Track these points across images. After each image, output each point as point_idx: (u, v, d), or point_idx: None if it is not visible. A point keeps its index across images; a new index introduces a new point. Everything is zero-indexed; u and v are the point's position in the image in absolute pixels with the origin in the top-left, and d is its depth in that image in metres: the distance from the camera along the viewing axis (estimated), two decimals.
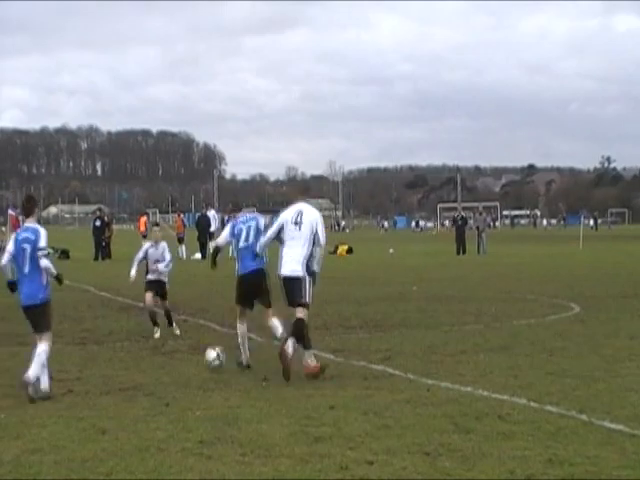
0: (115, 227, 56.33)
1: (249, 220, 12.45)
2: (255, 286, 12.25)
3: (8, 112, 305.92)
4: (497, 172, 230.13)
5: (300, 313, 11.56)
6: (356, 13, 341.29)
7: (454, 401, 9.89)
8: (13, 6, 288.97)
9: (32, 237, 10.58)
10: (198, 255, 43.24)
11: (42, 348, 10.49)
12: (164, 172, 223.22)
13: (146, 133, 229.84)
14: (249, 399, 10.20)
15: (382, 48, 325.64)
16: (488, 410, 9.40)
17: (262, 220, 12.55)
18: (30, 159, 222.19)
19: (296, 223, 11.76)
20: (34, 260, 10.53)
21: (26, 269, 10.52)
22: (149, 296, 15.79)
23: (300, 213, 11.81)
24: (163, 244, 16.07)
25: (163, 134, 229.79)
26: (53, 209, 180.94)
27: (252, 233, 12.24)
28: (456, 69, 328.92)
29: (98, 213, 49.21)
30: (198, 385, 11.11)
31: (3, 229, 43.67)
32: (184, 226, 47.13)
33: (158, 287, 15.90)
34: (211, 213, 46.00)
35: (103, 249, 43.58)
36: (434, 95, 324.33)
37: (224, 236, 12.81)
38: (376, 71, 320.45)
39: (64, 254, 43.63)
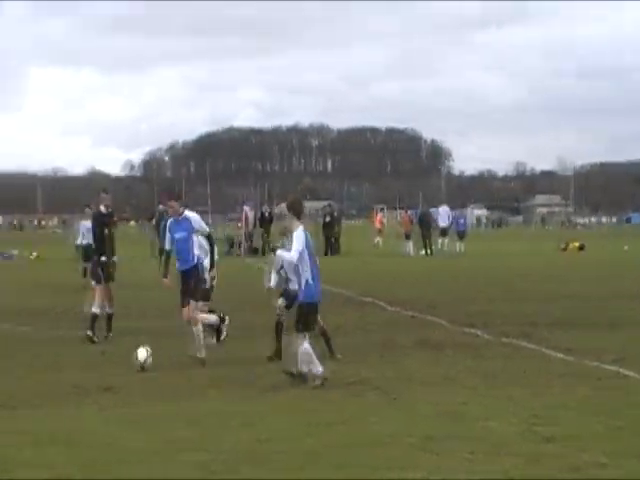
0: (344, 223, 57.21)
1: None
2: None
3: (244, 112, 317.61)
4: None
5: None
6: (582, 5, 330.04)
7: None
8: (249, 7, 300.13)
9: None
10: (422, 252, 43.30)
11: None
12: (392, 168, 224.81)
13: (374, 130, 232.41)
14: (476, 396, 10.08)
15: (614, 40, 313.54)
16: None
17: None
18: (264, 157, 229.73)
19: None
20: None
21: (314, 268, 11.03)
22: None
23: None
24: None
25: (391, 131, 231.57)
26: (285, 206, 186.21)
27: None
28: None
29: (328, 209, 50.11)
30: (423, 381, 11.10)
31: (239, 224, 45.37)
32: (411, 223, 47.23)
33: None
34: (444, 209, 46.02)
35: (332, 245, 44.33)
36: None
37: None
38: (607, 63, 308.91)
39: None
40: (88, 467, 7.29)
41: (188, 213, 13.12)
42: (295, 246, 10.84)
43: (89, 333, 14.90)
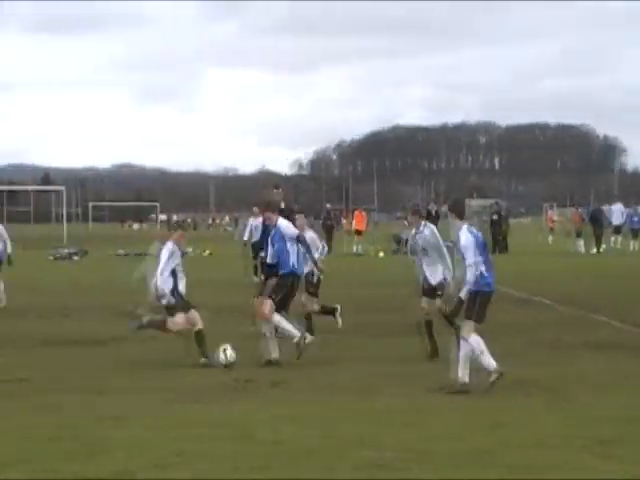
0: (512, 221, 56.41)
1: None
2: None
3: (411, 110, 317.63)
4: None
5: None
6: None
7: None
8: (415, 5, 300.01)
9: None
10: (594, 250, 42.16)
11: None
12: (562, 165, 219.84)
13: (543, 127, 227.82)
14: None
15: None
16: None
17: None
18: (431, 155, 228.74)
19: None
20: None
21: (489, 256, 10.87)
22: None
23: None
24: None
25: (561, 127, 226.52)
26: None
27: None
28: None
29: (495, 207, 49.50)
30: (594, 382, 10.84)
31: (406, 223, 45.32)
32: (582, 220, 46.05)
33: None
34: (617, 206, 44.72)
35: (500, 243, 43.81)
36: None
37: None
38: None
39: None
40: (256, 462, 7.47)
41: (279, 222, 13.00)
42: (463, 245, 10.62)
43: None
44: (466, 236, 10.64)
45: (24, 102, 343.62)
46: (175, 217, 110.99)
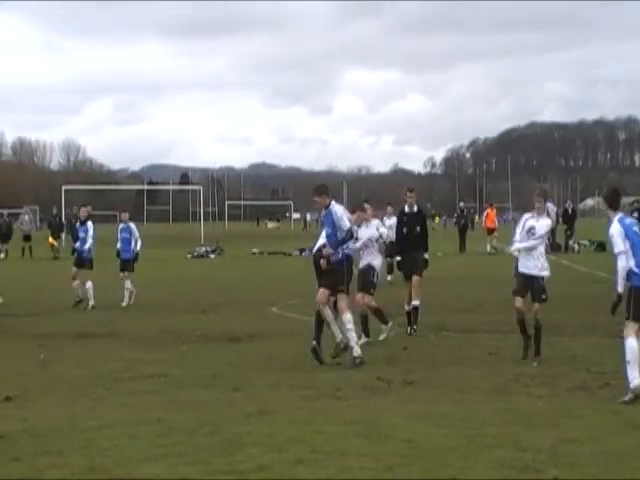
0: None
1: None
2: None
3: (549, 106, 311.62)
4: None
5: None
6: None
7: None
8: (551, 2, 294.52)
9: (635, 221, 10.61)
10: None
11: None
12: None
13: None
14: None
15: None
16: None
17: None
18: (568, 152, 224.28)
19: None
20: None
21: None
22: None
23: None
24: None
25: None
26: (589, 201, 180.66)
27: None
28: None
29: (636, 205, 48.04)
30: None
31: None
32: None
33: None
34: None
35: None
36: None
37: None
38: None
39: (599, 246, 43.39)
40: (391, 461, 7.48)
41: (333, 206, 12.71)
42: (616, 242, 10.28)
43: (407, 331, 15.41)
44: (615, 226, 10.33)
45: (165, 105, 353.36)
46: (309, 216, 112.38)
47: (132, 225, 21.50)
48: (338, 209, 12.73)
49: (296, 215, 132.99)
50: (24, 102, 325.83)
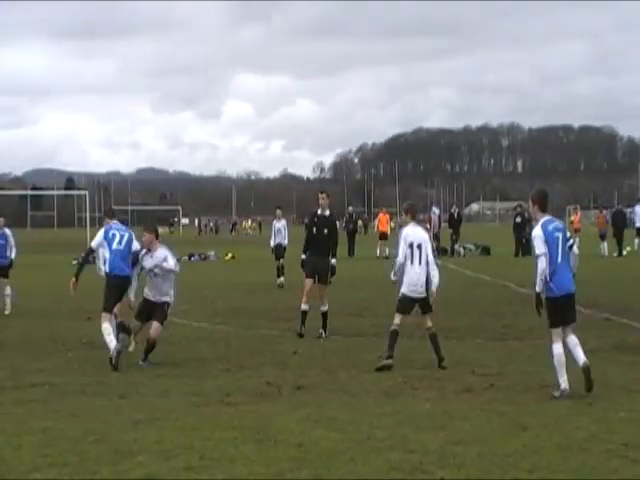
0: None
1: None
2: None
3: (435, 112, 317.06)
4: None
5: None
6: None
7: None
8: (438, 7, 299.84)
9: (560, 226, 10.71)
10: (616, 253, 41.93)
11: None
12: (586, 167, 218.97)
13: (567, 129, 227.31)
14: None
15: None
16: None
17: None
18: (454, 157, 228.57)
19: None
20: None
21: (559, 257, 10.51)
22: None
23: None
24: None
25: (585, 129, 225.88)
26: (475, 206, 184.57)
27: None
28: None
29: (519, 210, 49.31)
30: (621, 386, 10.77)
31: (427, 226, 45.29)
32: (606, 222, 45.75)
33: None
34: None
35: (523, 246, 43.59)
36: None
37: None
38: None
39: (485, 250, 44.33)
40: (281, 466, 7.47)
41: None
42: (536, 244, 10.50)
43: (299, 329, 15.46)
44: (536, 229, 10.55)
45: (50, 108, 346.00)
46: (196, 221, 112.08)
47: (8, 231, 21.01)
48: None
49: (185, 220, 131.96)
50: None
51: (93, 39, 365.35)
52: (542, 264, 10.37)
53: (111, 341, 12.56)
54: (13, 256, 20.77)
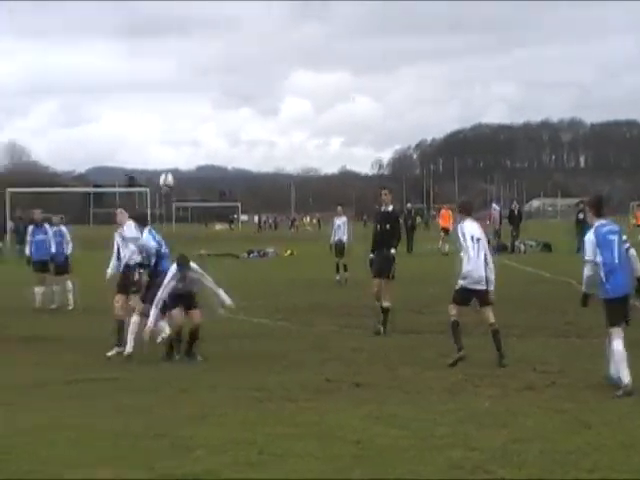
0: None
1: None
2: None
3: (494, 108, 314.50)
4: None
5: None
6: None
7: None
8: (500, 3, 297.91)
9: (616, 228, 10.71)
10: None
11: None
12: None
13: (631, 124, 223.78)
14: None
15: None
16: None
17: None
18: (513, 153, 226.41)
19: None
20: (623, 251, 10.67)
21: (616, 259, 10.51)
22: None
23: None
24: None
25: None
26: (535, 202, 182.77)
27: None
28: None
29: (581, 206, 48.67)
30: None
31: (487, 222, 44.96)
32: None
33: None
34: None
35: None
36: None
37: None
38: None
39: (546, 247, 43.87)
40: (341, 463, 7.48)
41: None
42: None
43: (379, 327, 15.54)
44: (589, 234, 10.59)
45: (112, 107, 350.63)
46: (256, 217, 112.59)
47: (64, 228, 21.44)
48: None
49: (244, 217, 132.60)
50: None
51: (154, 37, 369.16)
52: (587, 271, 10.50)
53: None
54: (69, 252, 21.13)
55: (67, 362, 12.97)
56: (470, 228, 12.61)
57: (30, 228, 21.44)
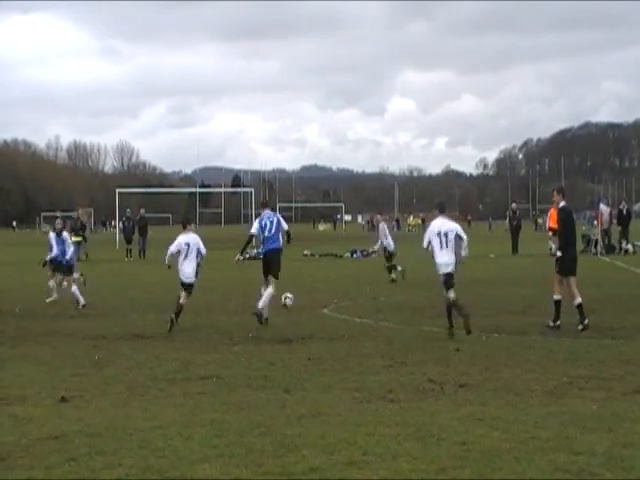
0: None
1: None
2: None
3: (604, 106, 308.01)
4: None
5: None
6: None
7: None
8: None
9: None
10: None
11: None
12: None
13: None
14: None
15: None
16: None
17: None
18: (623, 152, 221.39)
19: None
20: None
21: None
22: None
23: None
24: None
25: None
26: None
27: None
28: None
29: None
30: None
31: (595, 222, 44.06)
32: None
33: None
34: None
35: None
36: None
37: None
38: None
39: None
40: (444, 464, 7.45)
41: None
42: None
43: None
44: None
45: (219, 108, 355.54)
46: (359, 217, 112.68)
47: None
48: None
49: (347, 217, 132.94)
50: (80, 106, 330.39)
51: (261, 39, 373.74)
52: None
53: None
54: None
55: (172, 359, 13.19)
56: (438, 223, 15.53)
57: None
